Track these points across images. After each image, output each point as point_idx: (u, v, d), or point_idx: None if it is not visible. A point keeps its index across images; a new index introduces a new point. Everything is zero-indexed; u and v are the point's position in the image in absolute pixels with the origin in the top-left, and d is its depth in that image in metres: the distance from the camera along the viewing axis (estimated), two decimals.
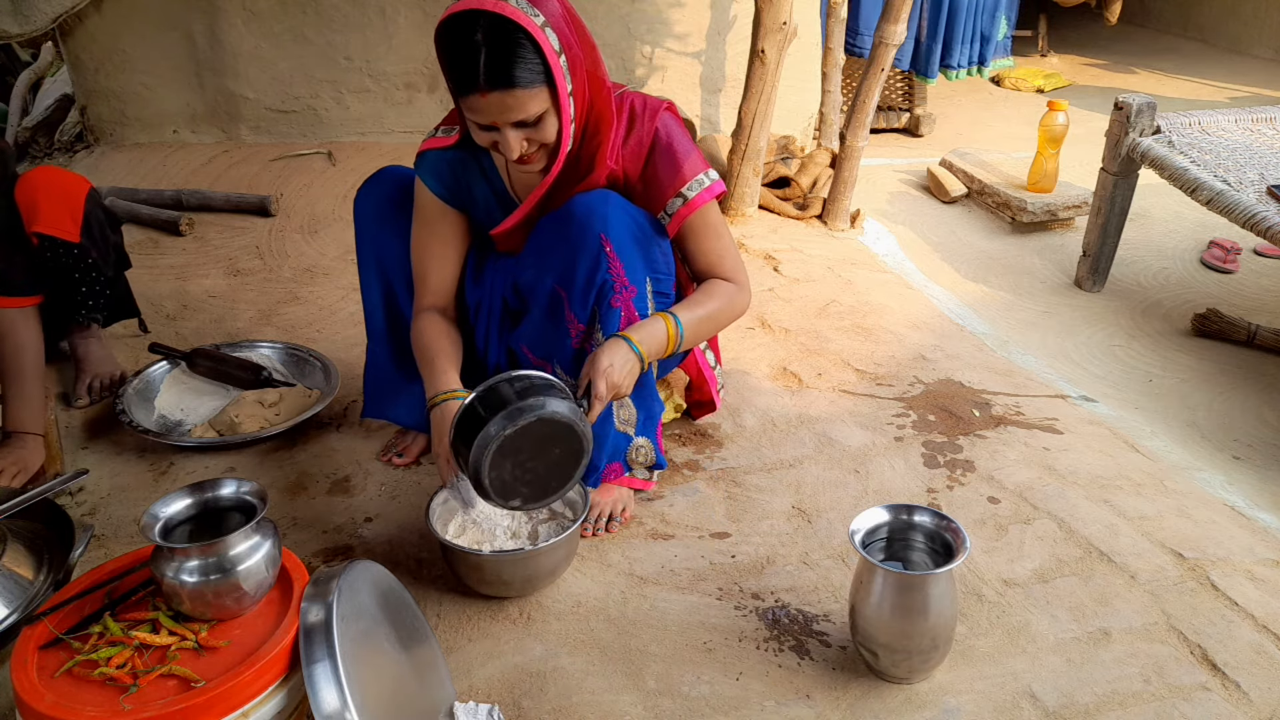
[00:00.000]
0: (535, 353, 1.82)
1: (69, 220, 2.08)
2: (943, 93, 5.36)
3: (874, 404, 2.26)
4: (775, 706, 1.45)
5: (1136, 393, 2.63)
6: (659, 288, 1.74)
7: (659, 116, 1.70)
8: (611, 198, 1.66)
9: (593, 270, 1.66)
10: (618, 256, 1.65)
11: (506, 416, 1.39)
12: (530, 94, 1.47)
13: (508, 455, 1.41)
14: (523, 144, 1.53)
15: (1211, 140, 2.97)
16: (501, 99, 1.46)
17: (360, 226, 1.88)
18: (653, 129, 1.69)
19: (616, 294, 1.67)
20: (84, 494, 1.90)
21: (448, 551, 1.59)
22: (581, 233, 1.64)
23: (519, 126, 1.51)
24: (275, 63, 3.73)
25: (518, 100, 1.47)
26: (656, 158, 1.69)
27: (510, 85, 1.45)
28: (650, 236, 1.70)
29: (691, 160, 1.70)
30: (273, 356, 2.32)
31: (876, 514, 1.50)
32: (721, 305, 1.76)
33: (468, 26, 1.44)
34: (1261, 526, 1.88)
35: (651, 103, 1.71)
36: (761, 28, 2.99)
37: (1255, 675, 1.50)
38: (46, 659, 1.18)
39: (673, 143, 1.69)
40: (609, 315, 1.68)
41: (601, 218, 1.64)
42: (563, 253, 1.67)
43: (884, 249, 3.36)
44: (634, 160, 1.70)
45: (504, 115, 1.49)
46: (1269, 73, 5.89)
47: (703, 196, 1.70)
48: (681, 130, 1.72)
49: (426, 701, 1.33)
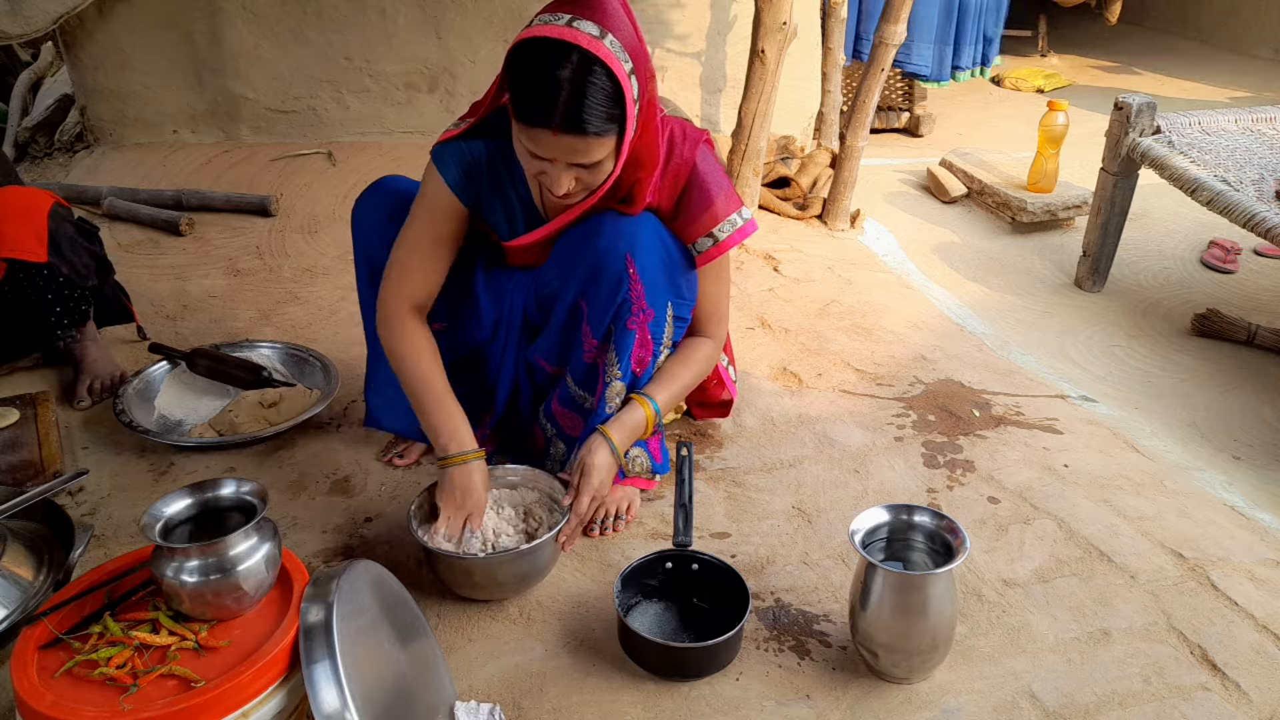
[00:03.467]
0: (550, 362, 1.82)
1: (33, 240, 2.03)
2: (943, 93, 5.35)
3: (874, 404, 2.26)
4: (775, 706, 1.45)
5: (1136, 393, 2.63)
6: (679, 312, 1.73)
7: (698, 149, 1.66)
8: (644, 220, 1.63)
9: (614, 289, 1.64)
10: (640, 279, 1.63)
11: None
12: (600, 141, 1.42)
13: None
14: (572, 183, 1.47)
15: (1211, 140, 2.97)
16: (571, 143, 1.40)
17: (357, 238, 1.84)
18: (690, 162, 1.65)
19: (634, 316, 1.66)
20: (84, 494, 1.90)
21: (431, 556, 1.60)
22: (607, 250, 1.62)
23: (575, 165, 1.45)
24: (275, 63, 3.73)
25: (588, 146, 1.41)
26: (691, 192, 1.66)
27: (583, 132, 1.39)
28: (678, 263, 1.68)
29: (724, 198, 1.67)
30: (273, 356, 2.32)
31: (876, 514, 1.50)
32: (696, 374, 1.78)
33: (556, 58, 1.37)
34: (1261, 526, 1.88)
35: (691, 133, 1.67)
36: (761, 28, 2.99)
37: (1255, 675, 1.50)
38: (46, 659, 1.18)
39: (708, 179, 1.66)
40: (624, 336, 1.68)
41: (630, 238, 1.61)
42: (587, 267, 1.65)
43: (884, 249, 3.36)
44: (669, 191, 1.66)
45: (567, 157, 1.43)
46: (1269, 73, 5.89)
47: (733, 238, 1.69)
48: (717, 165, 1.69)
49: (426, 701, 1.33)
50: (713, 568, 1.60)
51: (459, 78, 3.87)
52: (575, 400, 1.81)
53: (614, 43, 1.39)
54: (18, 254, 2.02)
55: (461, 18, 3.75)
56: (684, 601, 1.63)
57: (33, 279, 2.09)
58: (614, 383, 1.72)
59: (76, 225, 2.19)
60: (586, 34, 1.37)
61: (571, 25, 1.38)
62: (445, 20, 3.76)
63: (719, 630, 1.48)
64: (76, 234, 2.16)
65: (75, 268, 2.13)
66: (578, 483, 1.66)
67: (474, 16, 3.77)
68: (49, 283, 2.11)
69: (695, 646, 1.48)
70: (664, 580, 1.63)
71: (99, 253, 2.25)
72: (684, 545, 1.62)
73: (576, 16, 1.38)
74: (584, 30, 1.37)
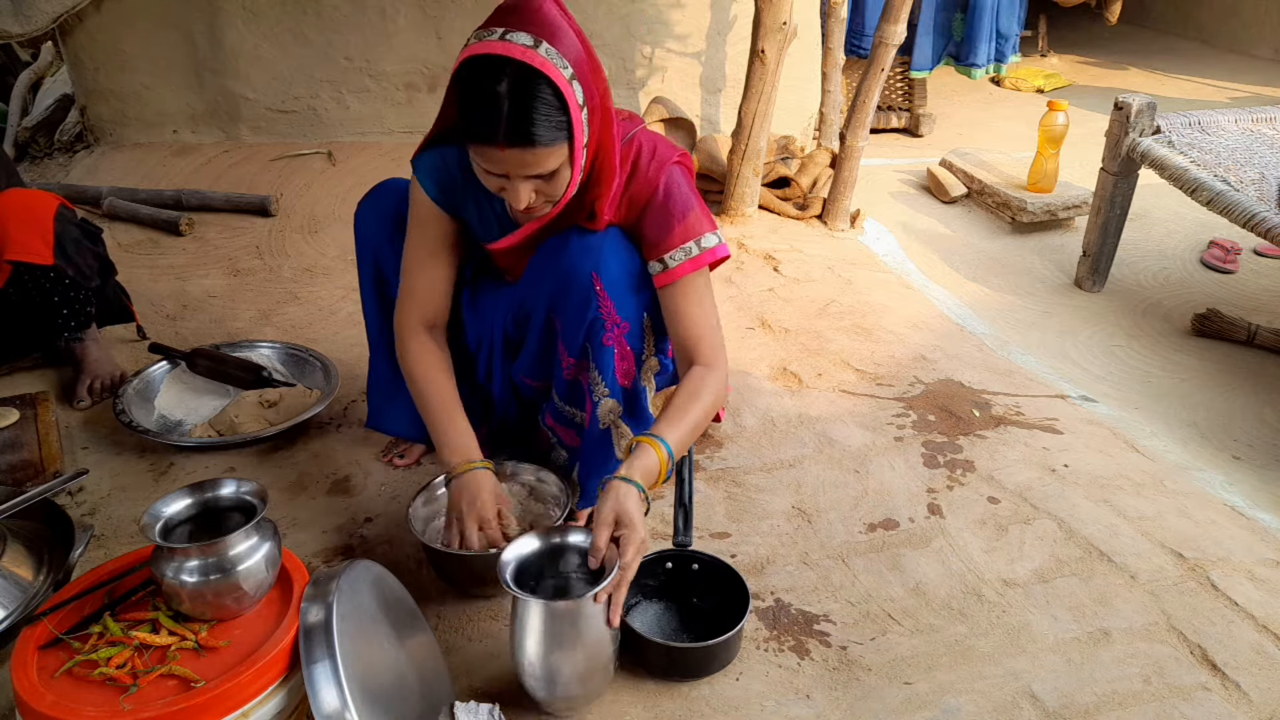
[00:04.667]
0: (533, 379, 1.82)
1: (39, 242, 2.03)
2: (943, 93, 5.36)
3: (874, 404, 2.26)
4: (775, 706, 1.45)
5: (1136, 393, 2.63)
6: (657, 322, 1.70)
7: (665, 171, 1.61)
8: (609, 235, 1.62)
9: (582, 307, 1.63)
10: (608, 295, 1.62)
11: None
12: (550, 151, 1.41)
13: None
14: (532, 195, 1.46)
15: (1211, 140, 2.97)
16: (520, 155, 1.39)
17: (360, 240, 1.84)
18: (654, 184, 1.61)
19: (608, 332, 1.64)
20: (84, 494, 1.90)
21: (431, 553, 1.61)
22: (574, 269, 1.61)
23: (532, 178, 1.45)
24: (275, 63, 3.73)
25: (537, 157, 1.40)
26: (648, 216, 1.62)
27: (531, 143, 1.38)
28: (646, 276, 1.66)
29: (684, 225, 1.61)
30: (273, 356, 2.32)
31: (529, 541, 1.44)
32: (706, 406, 1.61)
33: (491, 73, 1.36)
34: (1261, 526, 1.88)
35: (661, 153, 1.62)
36: (761, 28, 2.99)
37: (1255, 675, 1.51)
38: (46, 659, 1.18)
39: (669, 204, 1.60)
40: (601, 353, 1.66)
41: (595, 254, 1.60)
42: (555, 285, 1.65)
43: (884, 249, 3.36)
44: (627, 211, 1.63)
45: (519, 170, 1.42)
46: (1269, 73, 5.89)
47: (684, 267, 1.61)
48: (684, 190, 1.63)
49: (426, 701, 1.33)
50: (713, 567, 1.61)
51: None
52: (565, 416, 1.82)
53: (549, 50, 1.37)
54: (24, 256, 2.03)
55: (461, 18, 3.75)
56: (684, 601, 1.63)
57: (38, 281, 2.10)
58: (604, 400, 1.71)
59: (81, 227, 2.19)
60: (520, 45, 1.36)
61: (504, 39, 1.37)
62: (445, 20, 3.76)
63: (719, 630, 1.48)
64: (81, 236, 2.16)
65: (80, 269, 2.13)
66: (625, 535, 1.44)
67: (474, 16, 3.77)
68: (55, 285, 2.12)
69: (695, 646, 1.48)
70: (664, 580, 1.63)
71: (102, 254, 2.25)
72: (684, 545, 1.62)
73: (510, 29, 1.37)
74: (517, 42, 1.36)
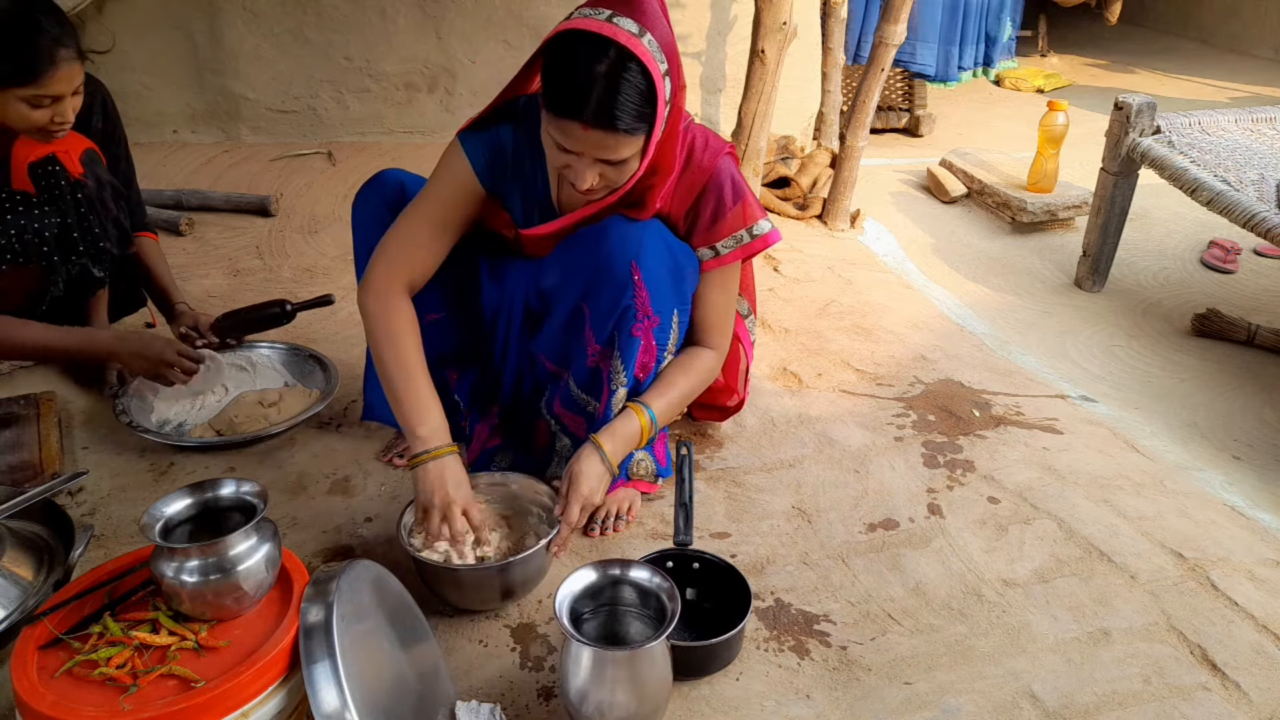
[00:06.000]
0: (552, 360, 1.81)
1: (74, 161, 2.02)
2: (943, 93, 5.35)
3: (874, 404, 2.26)
4: (775, 706, 1.45)
5: (1136, 393, 2.63)
6: (686, 319, 1.73)
7: (719, 161, 1.65)
8: (652, 226, 1.63)
9: (618, 295, 1.63)
10: (645, 286, 1.62)
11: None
12: (630, 140, 1.42)
13: None
14: (597, 178, 1.47)
15: (1211, 140, 2.97)
16: (601, 138, 1.40)
17: (358, 230, 1.84)
18: (709, 170, 1.64)
19: (638, 322, 1.65)
20: (84, 494, 1.90)
21: (420, 565, 1.56)
22: (613, 256, 1.61)
23: (602, 161, 1.45)
24: (275, 63, 3.73)
25: (617, 142, 1.41)
26: (703, 205, 1.66)
27: (614, 129, 1.39)
28: (685, 272, 1.67)
29: (735, 213, 1.66)
30: (273, 356, 2.32)
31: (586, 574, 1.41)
32: (695, 383, 1.75)
33: (594, 52, 1.37)
34: (1261, 526, 1.88)
35: (714, 143, 1.66)
36: (761, 28, 2.99)
37: (1255, 675, 1.51)
38: (46, 659, 1.18)
39: (723, 193, 1.65)
40: (628, 343, 1.67)
41: (636, 244, 1.61)
42: (592, 271, 1.65)
43: (884, 249, 3.36)
44: (682, 198, 1.66)
45: (595, 152, 1.43)
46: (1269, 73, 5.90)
47: (735, 254, 1.69)
48: (735, 181, 1.67)
49: (427, 701, 1.33)
50: (713, 567, 1.61)
51: (459, 78, 3.87)
52: (578, 403, 1.81)
53: (652, 42, 1.39)
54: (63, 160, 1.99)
55: (461, 18, 3.75)
56: (684, 601, 1.63)
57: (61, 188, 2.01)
58: (619, 390, 1.71)
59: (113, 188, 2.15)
60: (626, 31, 1.37)
61: (612, 21, 1.38)
62: (445, 20, 3.76)
63: (720, 629, 1.48)
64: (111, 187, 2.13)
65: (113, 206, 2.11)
66: (567, 491, 1.64)
67: (474, 16, 3.78)
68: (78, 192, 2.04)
69: (696, 645, 1.48)
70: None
71: (124, 222, 2.18)
72: (684, 545, 1.62)
73: (617, 13, 1.39)
74: (624, 27, 1.37)
